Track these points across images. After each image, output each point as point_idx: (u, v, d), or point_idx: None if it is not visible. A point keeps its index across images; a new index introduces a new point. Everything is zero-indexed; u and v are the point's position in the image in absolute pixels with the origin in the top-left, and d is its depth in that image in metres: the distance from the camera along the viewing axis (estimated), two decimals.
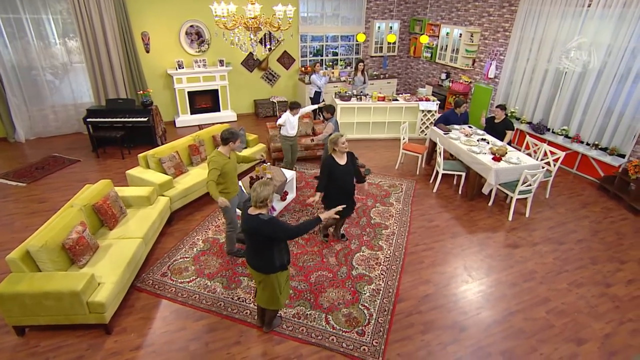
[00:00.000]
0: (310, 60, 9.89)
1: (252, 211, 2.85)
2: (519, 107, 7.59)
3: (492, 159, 5.25)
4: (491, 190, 5.53)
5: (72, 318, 3.16)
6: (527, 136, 6.47)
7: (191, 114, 8.61)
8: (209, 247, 4.48)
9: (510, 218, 5.23)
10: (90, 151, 6.96)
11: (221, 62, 8.46)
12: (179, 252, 4.40)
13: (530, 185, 5.05)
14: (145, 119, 6.80)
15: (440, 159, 5.78)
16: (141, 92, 7.22)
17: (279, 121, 5.66)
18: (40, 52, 7.24)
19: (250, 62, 9.10)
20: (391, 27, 10.04)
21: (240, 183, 4.68)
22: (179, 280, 3.95)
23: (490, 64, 7.97)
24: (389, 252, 4.47)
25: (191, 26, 8.13)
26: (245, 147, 6.29)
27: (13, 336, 3.27)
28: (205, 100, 8.74)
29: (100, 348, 3.18)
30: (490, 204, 5.59)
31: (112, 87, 7.65)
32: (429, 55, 9.71)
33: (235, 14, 4.71)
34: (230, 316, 3.53)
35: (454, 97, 8.82)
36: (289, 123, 5.64)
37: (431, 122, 7.95)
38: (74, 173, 6.23)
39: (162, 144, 7.06)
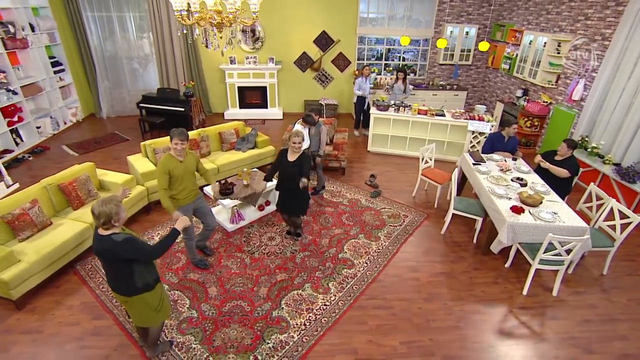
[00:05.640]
0: (371, 65, 8.92)
1: (102, 231, 2.36)
2: (605, 142, 5.39)
3: (511, 208, 3.71)
4: (510, 248, 3.98)
5: None
6: (594, 184, 4.49)
7: (240, 108, 8.62)
8: None
9: (525, 292, 3.65)
10: (140, 133, 7.49)
11: (271, 59, 8.19)
12: None
13: (560, 255, 3.41)
14: (183, 109, 6.96)
15: (453, 193, 4.41)
16: (184, 83, 7.43)
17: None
18: (125, 44, 8.06)
19: (304, 62, 8.62)
20: (467, 33, 8.31)
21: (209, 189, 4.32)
22: None
23: (577, 82, 5.84)
24: (332, 298, 3.52)
25: None
26: (253, 148, 5.88)
27: None
28: (255, 96, 8.63)
29: (1, 321, 3.18)
30: (507, 265, 4.03)
31: (173, 78, 8.11)
32: (508, 67, 7.72)
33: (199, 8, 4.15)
34: (122, 324, 3.18)
35: (526, 120, 6.87)
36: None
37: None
38: (116, 150, 6.76)
39: None
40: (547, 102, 6.60)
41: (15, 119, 6.41)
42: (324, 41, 8.40)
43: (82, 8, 7.45)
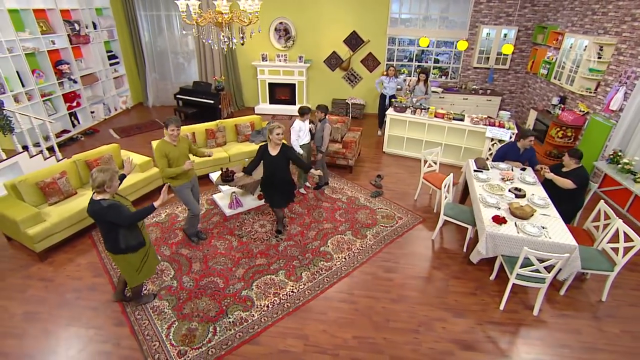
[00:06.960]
0: (402, 66, 8.81)
1: (95, 196, 2.82)
2: None
3: (493, 218, 3.55)
4: (495, 260, 3.80)
5: (19, 238, 3.92)
6: (604, 203, 4.06)
7: (270, 103, 9.03)
8: (165, 221, 4.69)
9: (501, 307, 3.48)
10: None
11: (300, 58, 8.46)
12: None
13: (540, 272, 3.20)
14: (212, 102, 7.52)
15: (446, 199, 4.30)
16: (215, 78, 7.99)
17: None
18: (172, 40, 8.89)
19: (333, 61, 8.77)
20: (505, 35, 7.83)
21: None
22: None
23: (617, 90, 5.26)
24: (301, 287, 3.68)
25: (280, 23, 8.38)
26: (265, 142, 6.19)
27: None
28: (284, 93, 8.98)
29: (26, 268, 3.84)
30: (492, 277, 3.85)
31: (211, 72, 8.76)
32: (546, 72, 7.14)
33: (201, 10, 4.49)
34: (115, 284, 3.66)
35: (558, 129, 6.35)
36: (295, 131, 4.94)
37: None
38: (152, 136, 7.50)
39: None
40: (583, 111, 6.02)
41: (74, 104, 7.44)
42: (353, 41, 8.47)
43: (137, 8, 8.36)
